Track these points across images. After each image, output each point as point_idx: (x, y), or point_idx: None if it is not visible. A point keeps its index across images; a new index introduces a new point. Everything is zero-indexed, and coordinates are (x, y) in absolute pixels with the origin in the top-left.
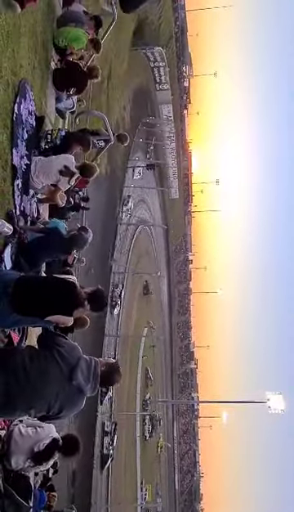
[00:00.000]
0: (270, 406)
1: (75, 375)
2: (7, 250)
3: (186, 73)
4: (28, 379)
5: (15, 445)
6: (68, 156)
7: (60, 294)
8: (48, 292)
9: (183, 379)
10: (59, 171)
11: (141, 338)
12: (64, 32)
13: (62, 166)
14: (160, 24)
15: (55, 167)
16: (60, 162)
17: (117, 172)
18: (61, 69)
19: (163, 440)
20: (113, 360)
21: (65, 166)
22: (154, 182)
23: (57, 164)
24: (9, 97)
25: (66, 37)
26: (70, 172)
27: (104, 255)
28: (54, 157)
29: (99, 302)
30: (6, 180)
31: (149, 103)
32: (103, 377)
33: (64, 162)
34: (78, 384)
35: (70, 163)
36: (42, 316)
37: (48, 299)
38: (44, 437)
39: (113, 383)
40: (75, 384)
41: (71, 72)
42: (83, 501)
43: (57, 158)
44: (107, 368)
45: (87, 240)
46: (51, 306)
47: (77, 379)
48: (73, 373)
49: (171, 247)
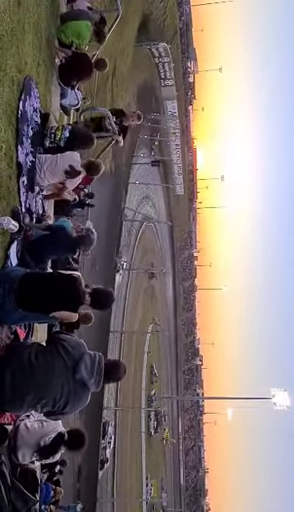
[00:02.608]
0: (275, 402)
1: (79, 368)
2: (13, 247)
3: (191, 68)
4: (34, 373)
5: (22, 439)
6: (73, 155)
7: (63, 290)
8: (52, 288)
9: (188, 376)
10: (65, 171)
11: (146, 334)
12: (68, 27)
13: (67, 166)
14: (165, 20)
15: (62, 167)
16: (66, 161)
17: (121, 168)
18: (68, 61)
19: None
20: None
21: (71, 166)
22: (159, 179)
23: (63, 164)
24: (14, 94)
25: (70, 32)
26: (76, 172)
27: (108, 252)
28: (60, 155)
29: (102, 300)
30: (11, 177)
31: (153, 99)
32: (107, 372)
33: (69, 161)
34: (82, 377)
35: (76, 162)
36: (46, 312)
37: (52, 295)
38: (50, 431)
39: (118, 378)
40: (79, 377)
41: (79, 62)
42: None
43: (63, 156)
44: (112, 363)
45: (94, 241)
46: (55, 302)
47: (81, 372)
48: (76, 366)
49: (175, 244)
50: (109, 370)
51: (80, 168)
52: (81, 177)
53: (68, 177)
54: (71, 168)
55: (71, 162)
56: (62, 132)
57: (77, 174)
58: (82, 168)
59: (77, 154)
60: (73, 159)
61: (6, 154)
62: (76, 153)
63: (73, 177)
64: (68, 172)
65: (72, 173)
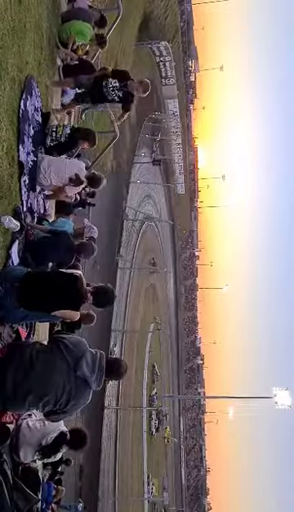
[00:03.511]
0: (277, 401)
1: (80, 365)
2: (15, 246)
3: (192, 67)
4: (36, 371)
5: (24, 438)
6: (81, 164)
7: (64, 289)
8: (53, 287)
9: (189, 375)
10: (69, 178)
11: (148, 333)
12: (68, 26)
13: (73, 174)
14: (166, 18)
15: (68, 173)
16: (72, 169)
17: (123, 167)
18: (73, 65)
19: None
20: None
21: (76, 175)
22: (160, 178)
23: (69, 170)
24: (15, 94)
25: (70, 30)
26: (80, 181)
27: (110, 251)
28: (68, 161)
29: (104, 298)
30: (13, 176)
31: (154, 98)
32: (108, 370)
33: (76, 169)
34: (83, 374)
35: (82, 172)
36: (48, 310)
37: (53, 294)
38: (52, 430)
39: (119, 376)
40: (80, 374)
41: (84, 67)
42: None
43: (71, 163)
44: (113, 361)
45: (95, 250)
46: (56, 301)
47: (82, 369)
48: (78, 364)
49: (177, 243)
50: (110, 367)
51: (83, 179)
52: (82, 187)
53: (71, 184)
54: (76, 176)
55: (78, 170)
56: (63, 130)
57: (80, 184)
58: (85, 179)
59: (83, 165)
60: (80, 168)
61: (7, 154)
62: (83, 163)
63: (76, 185)
64: (72, 180)
65: (76, 182)
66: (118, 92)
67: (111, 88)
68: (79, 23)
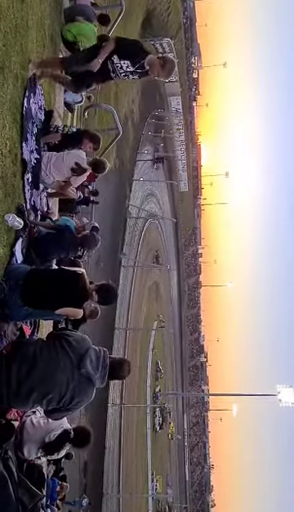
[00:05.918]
0: (281, 399)
1: (84, 363)
2: (18, 244)
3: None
4: (39, 368)
5: (27, 435)
6: (79, 152)
7: (67, 287)
8: (56, 285)
9: (193, 372)
10: (71, 168)
11: (151, 331)
12: (73, 27)
13: (73, 163)
14: (168, 15)
15: (67, 164)
16: (72, 159)
17: (126, 165)
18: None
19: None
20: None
21: (77, 163)
22: (163, 175)
23: (69, 161)
24: (18, 92)
25: (75, 32)
26: (82, 169)
27: (113, 249)
28: (65, 152)
29: (107, 295)
30: (16, 174)
31: (157, 95)
32: (112, 370)
33: (75, 159)
34: (87, 372)
35: (82, 159)
36: (52, 308)
37: (57, 292)
38: (55, 427)
39: (122, 377)
40: (84, 372)
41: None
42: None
43: (69, 154)
44: (117, 361)
45: (99, 241)
46: (60, 299)
47: (86, 367)
48: (81, 361)
49: (180, 240)
50: (113, 367)
51: (86, 166)
52: (86, 174)
53: (74, 175)
54: (77, 165)
55: (77, 159)
56: (69, 128)
57: (83, 171)
58: (87, 166)
59: (83, 152)
60: (80, 157)
61: (10, 152)
62: (82, 151)
63: (79, 174)
64: (74, 170)
65: (78, 170)
66: (133, 75)
67: (121, 71)
68: (84, 25)
